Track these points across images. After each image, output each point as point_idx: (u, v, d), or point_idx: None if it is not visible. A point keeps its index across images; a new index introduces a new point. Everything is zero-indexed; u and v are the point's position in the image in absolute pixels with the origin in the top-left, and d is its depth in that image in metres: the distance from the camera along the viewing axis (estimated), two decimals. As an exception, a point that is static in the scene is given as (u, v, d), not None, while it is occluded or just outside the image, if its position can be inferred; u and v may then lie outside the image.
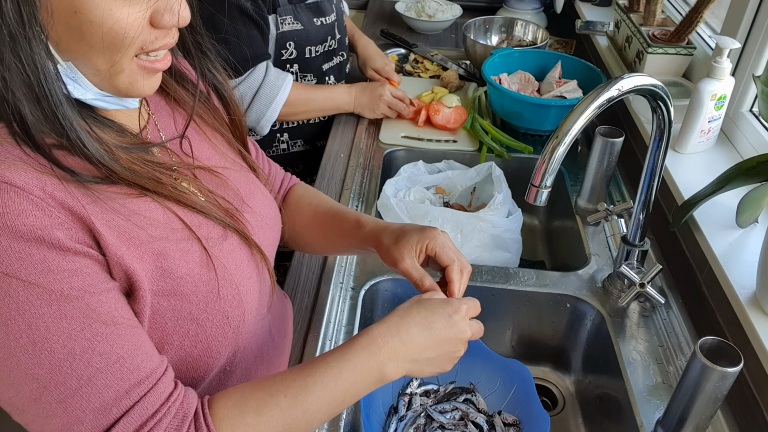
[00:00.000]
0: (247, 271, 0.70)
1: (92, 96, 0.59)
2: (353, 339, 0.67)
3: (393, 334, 0.66)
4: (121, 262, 0.57)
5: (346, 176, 1.35)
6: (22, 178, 0.51)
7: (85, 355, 0.53)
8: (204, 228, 0.66)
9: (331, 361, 0.64)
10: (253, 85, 1.34)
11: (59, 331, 0.52)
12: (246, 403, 0.61)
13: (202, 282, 0.64)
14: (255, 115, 1.37)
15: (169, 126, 0.72)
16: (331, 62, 1.53)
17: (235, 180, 0.76)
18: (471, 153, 1.44)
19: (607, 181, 1.20)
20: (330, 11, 1.46)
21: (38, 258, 0.51)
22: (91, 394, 0.54)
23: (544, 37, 1.80)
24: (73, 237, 0.53)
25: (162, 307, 0.61)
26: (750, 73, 1.14)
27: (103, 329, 0.54)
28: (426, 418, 0.99)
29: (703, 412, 0.75)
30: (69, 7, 0.52)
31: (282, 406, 0.61)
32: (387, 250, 0.80)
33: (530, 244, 1.41)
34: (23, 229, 0.50)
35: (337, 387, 0.63)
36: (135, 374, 0.56)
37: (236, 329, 0.69)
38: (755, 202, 0.92)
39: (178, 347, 0.64)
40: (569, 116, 0.78)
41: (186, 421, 0.58)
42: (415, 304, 0.70)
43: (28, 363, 0.52)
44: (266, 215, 0.79)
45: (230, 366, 0.73)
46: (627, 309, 1.02)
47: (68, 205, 0.53)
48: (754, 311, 0.83)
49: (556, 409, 1.10)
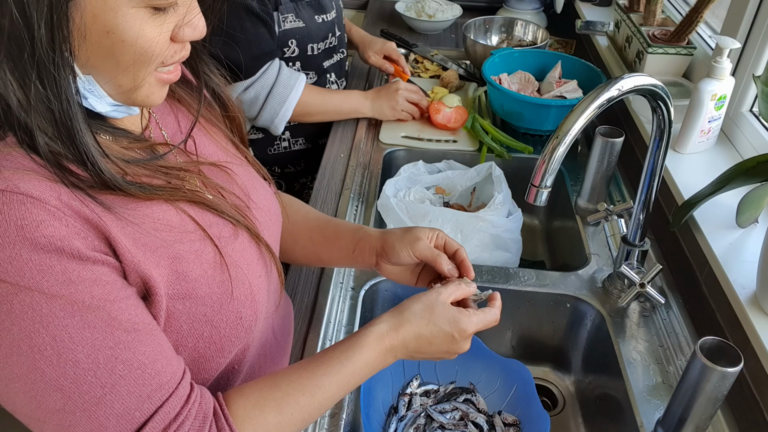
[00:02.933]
0: (257, 270, 0.70)
1: (107, 107, 0.59)
2: (363, 337, 0.69)
3: (399, 338, 0.70)
4: (137, 269, 0.57)
5: (346, 176, 1.35)
6: (37, 188, 0.51)
7: (109, 364, 0.53)
8: (215, 227, 0.66)
9: (344, 360, 0.68)
10: (266, 85, 1.34)
11: (83, 341, 0.52)
12: (266, 403, 0.63)
13: (216, 283, 0.64)
14: (269, 114, 1.37)
15: (170, 123, 0.72)
16: (331, 59, 1.53)
17: (239, 175, 0.76)
18: (471, 153, 1.44)
19: (607, 181, 1.20)
20: (330, 8, 1.47)
21: (59, 269, 0.51)
22: (114, 401, 0.54)
23: (544, 37, 1.80)
24: (90, 246, 0.53)
25: (177, 310, 0.61)
26: (750, 73, 1.14)
27: (125, 337, 0.55)
28: (426, 418, 0.99)
29: (703, 412, 0.75)
30: (102, 27, 0.52)
31: (301, 404, 0.65)
32: (399, 239, 0.81)
33: (530, 244, 1.41)
34: (43, 241, 0.50)
35: (349, 382, 0.68)
36: (156, 379, 0.56)
37: (248, 329, 0.69)
38: (755, 202, 0.92)
39: (192, 348, 0.64)
40: (569, 116, 0.78)
41: (207, 421, 0.59)
42: (426, 312, 0.71)
43: (52, 375, 0.52)
44: (270, 210, 0.80)
45: (238, 365, 0.73)
46: (627, 309, 1.02)
47: (83, 213, 0.53)
48: (754, 311, 0.83)
49: (556, 409, 1.10)
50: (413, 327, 0.70)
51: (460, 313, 0.72)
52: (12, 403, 0.54)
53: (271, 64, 1.34)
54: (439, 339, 0.71)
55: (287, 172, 1.59)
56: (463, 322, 0.71)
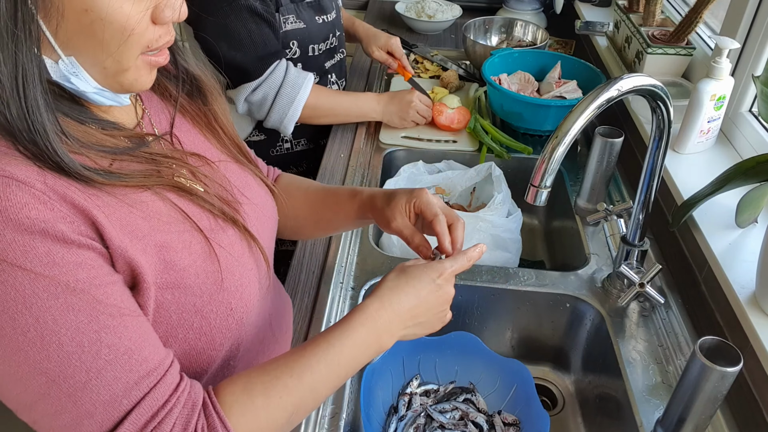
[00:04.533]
0: (247, 263, 0.71)
1: (92, 90, 0.59)
2: (350, 316, 0.69)
3: (386, 307, 0.70)
4: (124, 255, 0.57)
5: (346, 176, 1.35)
6: (23, 172, 0.51)
7: (94, 347, 0.53)
8: (204, 219, 0.66)
9: (332, 339, 0.67)
10: (274, 85, 1.34)
11: (67, 323, 0.52)
12: (253, 387, 0.62)
13: (206, 274, 0.64)
14: (277, 114, 1.36)
15: (163, 121, 0.73)
16: (332, 60, 1.53)
17: (231, 173, 0.76)
18: (471, 153, 1.44)
19: (607, 181, 1.20)
20: (330, 9, 1.47)
21: (43, 251, 0.51)
22: (100, 387, 0.54)
23: (543, 37, 1.80)
24: (76, 230, 0.53)
25: (166, 300, 0.62)
26: (749, 73, 1.15)
27: (110, 321, 0.54)
28: (426, 417, 0.99)
29: (702, 412, 0.75)
30: (80, 5, 0.53)
31: (289, 387, 0.63)
32: (381, 212, 0.84)
33: (530, 244, 1.42)
34: (27, 222, 0.50)
35: (340, 363, 0.67)
36: (143, 366, 0.56)
37: (239, 320, 0.69)
38: (754, 202, 0.92)
39: (182, 340, 0.64)
40: (569, 116, 0.79)
41: (195, 410, 0.59)
42: (401, 274, 0.73)
43: (36, 357, 0.52)
44: (262, 206, 0.80)
45: (233, 360, 0.73)
46: (626, 309, 1.03)
47: (70, 198, 0.53)
48: (753, 311, 0.84)
49: (555, 409, 1.10)
50: (397, 292, 0.71)
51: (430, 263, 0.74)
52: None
53: (278, 64, 1.34)
54: (425, 290, 0.71)
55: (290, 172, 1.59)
56: (437, 265, 0.73)
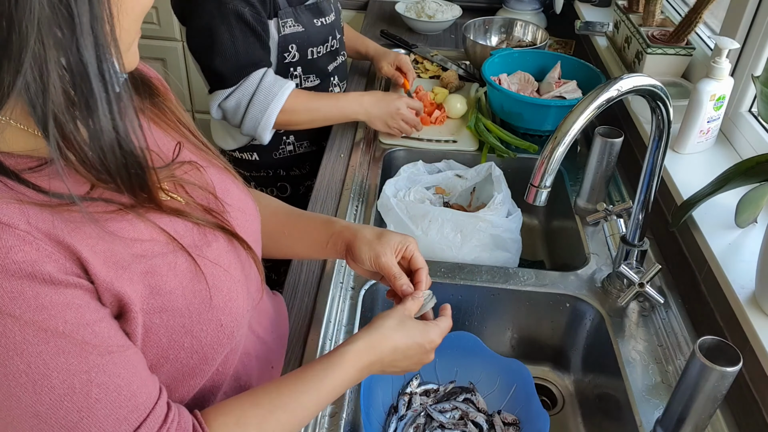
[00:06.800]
0: (235, 274, 0.69)
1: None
2: (341, 354, 0.72)
3: (374, 353, 0.74)
4: (110, 288, 0.56)
5: (346, 176, 1.35)
6: (5, 212, 0.50)
7: (84, 388, 0.53)
8: (188, 236, 0.65)
9: (323, 377, 0.71)
10: (246, 93, 1.30)
11: (58, 367, 0.52)
12: (247, 421, 0.65)
13: (193, 294, 0.63)
14: (251, 122, 1.33)
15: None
16: (335, 62, 1.52)
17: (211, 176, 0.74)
18: (471, 153, 1.44)
19: (607, 181, 1.20)
20: (329, 11, 1.46)
21: (31, 294, 0.50)
22: (91, 425, 0.54)
23: (543, 37, 1.80)
24: (62, 269, 0.52)
25: (155, 324, 0.61)
26: (749, 73, 1.15)
27: (99, 360, 0.54)
28: (426, 417, 0.99)
29: (702, 412, 0.75)
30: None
31: (282, 422, 0.67)
32: (369, 243, 0.83)
33: (530, 244, 1.42)
34: (13, 267, 0.49)
35: (328, 399, 0.72)
36: (132, 401, 0.56)
37: (230, 335, 0.68)
38: (754, 202, 0.92)
39: (174, 360, 0.64)
40: (568, 117, 0.79)
41: None
42: (400, 327, 0.76)
43: (28, 401, 0.52)
44: (246, 209, 0.78)
45: (222, 367, 0.73)
46: (626, 309, 1.03)
47: (53, 235, 0.52)
48: (753, 311, 0.84)
49: (555, 409, 1.10)
50: (390, 341, 0.75)
51: (427, 326, 0.78)
52: None
53: (254, 72, 1.30)
54: (413, 350, 0.76)
55: (293, 175, 1.59)
56: (432, 332, 0.78)
